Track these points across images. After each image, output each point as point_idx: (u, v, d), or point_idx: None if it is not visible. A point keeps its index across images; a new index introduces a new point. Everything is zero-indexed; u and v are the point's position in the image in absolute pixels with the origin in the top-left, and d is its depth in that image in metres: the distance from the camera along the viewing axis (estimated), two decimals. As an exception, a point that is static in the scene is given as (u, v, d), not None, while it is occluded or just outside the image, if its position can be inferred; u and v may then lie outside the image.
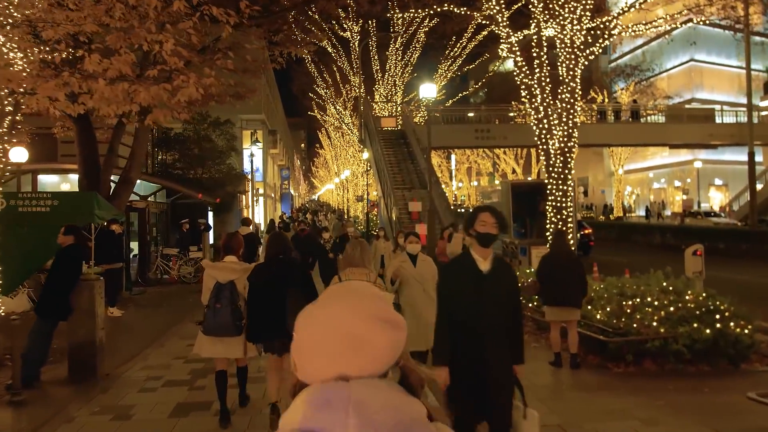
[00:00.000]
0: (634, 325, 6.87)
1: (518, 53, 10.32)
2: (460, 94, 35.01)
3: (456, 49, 30.80)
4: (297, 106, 56.07)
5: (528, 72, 10.35)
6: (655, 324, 6.83)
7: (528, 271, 11.70)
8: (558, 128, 10.17)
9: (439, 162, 52.68)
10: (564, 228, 10.11)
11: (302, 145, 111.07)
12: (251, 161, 32.30)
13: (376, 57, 32.02)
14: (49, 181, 18.90)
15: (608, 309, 7.38)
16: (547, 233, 10.40)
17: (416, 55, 32.45)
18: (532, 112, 10.40)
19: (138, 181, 18.74)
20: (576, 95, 10.15)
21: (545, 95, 10.31)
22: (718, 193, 49.78)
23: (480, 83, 35.71)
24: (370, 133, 27.31)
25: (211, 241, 20.33)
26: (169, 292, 15.15)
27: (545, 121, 10.31)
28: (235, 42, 15.39)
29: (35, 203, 12.86)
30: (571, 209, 10.54)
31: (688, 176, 48.66)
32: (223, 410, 5.47)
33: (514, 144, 31.18)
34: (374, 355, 1.06)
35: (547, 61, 10.31)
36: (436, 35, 29.91)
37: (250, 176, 28.67)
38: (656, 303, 7.28)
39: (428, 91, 14.41)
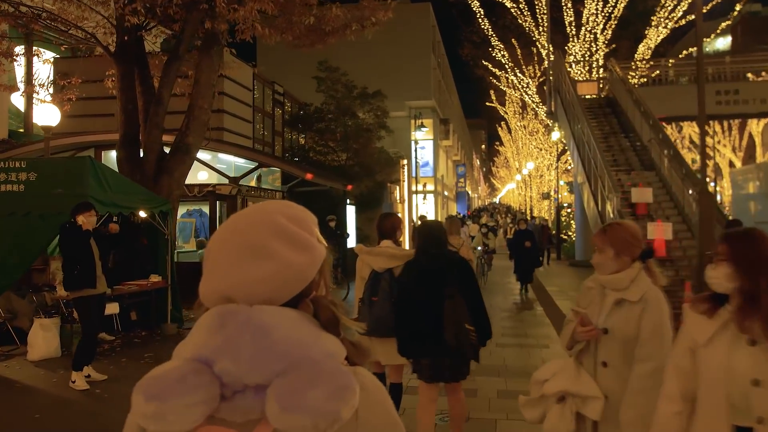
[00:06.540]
0: None
1: None
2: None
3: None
4: (473, 95, 49.69)
5: None
6: None
7: None
8: None
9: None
10: None
11: (482, 146, 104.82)
12: (415, 150, 26.83)
13: (569, 5, 24.46)
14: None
15: None
16: None
17: (622, 4, 24.40)
18: None
19: (229, 158, 13.68)
20: None
21: None
22: None
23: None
24: (564, 100, 20.07)
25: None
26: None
27: None
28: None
29: (4, 178, 8.02)
30: None
31: None
32: None
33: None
34: (274, 270, 0.89)
35: None
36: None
37: (405, 163, 22.86)
38: None
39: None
